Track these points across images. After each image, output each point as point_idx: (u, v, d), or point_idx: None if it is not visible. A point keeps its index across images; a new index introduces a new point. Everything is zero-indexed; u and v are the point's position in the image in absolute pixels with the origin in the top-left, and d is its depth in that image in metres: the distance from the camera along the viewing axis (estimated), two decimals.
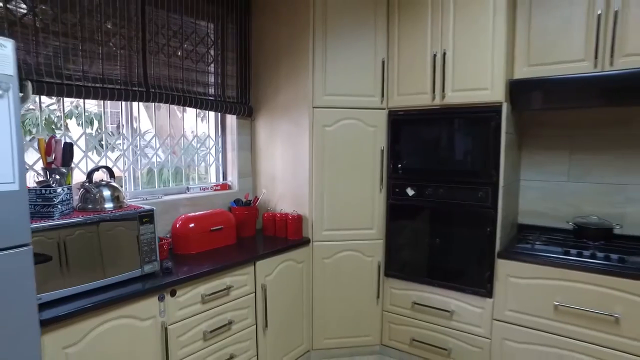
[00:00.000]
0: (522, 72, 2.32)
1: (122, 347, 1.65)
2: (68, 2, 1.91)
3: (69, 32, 1.93)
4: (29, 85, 1.61)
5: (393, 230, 2.67)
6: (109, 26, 2.11)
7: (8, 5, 1.72)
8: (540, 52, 2.26)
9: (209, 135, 2.87)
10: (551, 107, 2.47)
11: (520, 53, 2.32)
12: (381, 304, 2.76)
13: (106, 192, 1.79)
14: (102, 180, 1.83)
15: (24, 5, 1.77)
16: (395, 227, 2.66)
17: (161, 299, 1.79)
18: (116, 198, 1.82)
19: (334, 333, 2.74)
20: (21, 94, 1.37)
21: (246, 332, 2.23)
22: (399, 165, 2.61)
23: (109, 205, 1.79)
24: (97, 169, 1.85)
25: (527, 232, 2.62)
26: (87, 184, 1.78)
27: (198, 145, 2.80)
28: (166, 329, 1.81)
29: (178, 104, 2.44)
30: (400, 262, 2.66)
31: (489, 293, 2.33)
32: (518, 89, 2.29)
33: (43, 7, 1.83)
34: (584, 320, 2.05)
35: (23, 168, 1.16)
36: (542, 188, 2.67)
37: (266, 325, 2.34)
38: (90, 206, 1.75)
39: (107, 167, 1.88)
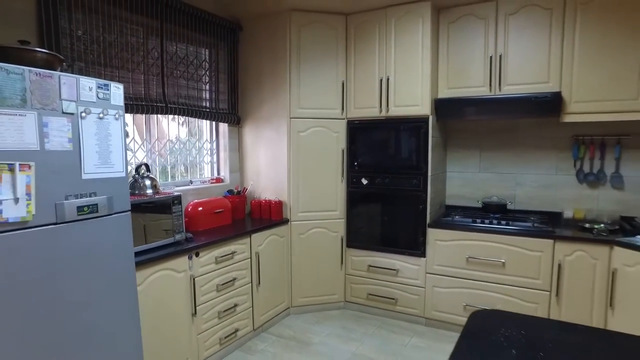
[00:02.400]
0: (444, 92, 3.21)
1: (167, 290, 2.35)
2: (108, 42, 2.56)
3: (114, 64, 2.59)
4: None
5: (352, 211, 3.49)
6: (136, 58, 2.77)
7: (74, 47, 2.36)
8: (455, 79, 3.17)
9: (206, 140, 3.56)
10: (463, 118, 3.37)
11: (442, 79, 3.22)
12: (344, 269, 3.57)
13: (148, 182, 2.48)
14: (143, 173, 2.51)
15: (82, 45, 2.42)
16: (354, 208, 3.49)
17: (190, 258, 2.49)
18: (154, 186, 2.51)
19: (308, 293, 3.52)
20: None
21: (245, 287, 2.97)
22: (355, 162, 3.43)
23: (150, 191, 2.47)
24: (140, 165, 2.52)
25: (451, 210, 3.53)
26: (136, 175, 2.45)
27: (198, 147, 3.49)
28: (194, 279, 2.52)
29: (185, 115, 3.12)
30: (358, 235, 3.49)
31: (422, 254, 3.20)
32: (440, 105, 3.18)
33: (95, 46, 2.49)
34: (484, 267, 2.96)
35: (126, 164, 1.85)
36: (462, 178, 3.59)
37: (259, 283, 3.09)
38: (137, 192, 2.43)
39: (145, 164, 2.55)
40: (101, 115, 1.72)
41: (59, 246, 1.58)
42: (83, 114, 1.65)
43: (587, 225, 2.87)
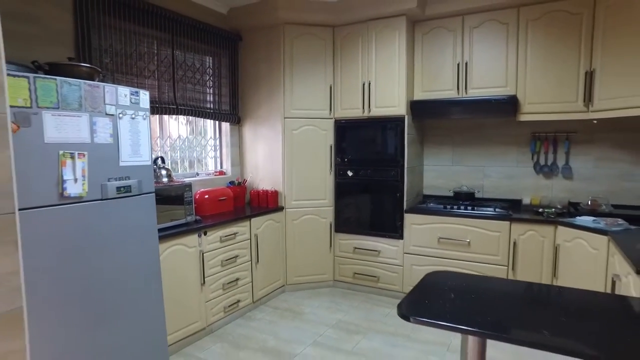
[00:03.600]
0: (419, 95, 3.68)
1: (181, 262, 2.81)
2: (128, 53, 3.02)
3: (134, 72, 3.05)
4: None
5: (339, 199, 3.96)
6: (150, 67, 3.23)
7: (102, 59, 2.81)
8: (428, 83, 3.64)
9: (210, 137, 4.02)
10: (435, 118, 3.84)
11: (417, 83, 3.69)
12: (333, 251, 4.04)
13: (164, 172, 2.94)
14: (160, 164, 2.97)
15: (108, 57, 2.87)
16: (341, 197, 3.95)
17: (199, 236, 2.95)
18: (169, 175, 2.97)
19: (301, 272, 3.98)
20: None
21: (245, 264, 3.43)
22: (342, 156, 3.90)
23: (165, 180, 2.93)
24: (157, 158, 2.98)
25: (427, 198, 4.00)
26: (154, 166, 2.91)
27: (203, 144, 3.94)
28: (203, 254, 2.98)
29: (192, 115, 3.58)
30: (345, 221, 3.95)
31: (400, 236, 3.67)
32: (415, 106, 3.64)
33: (118, 58, 2.94)
34: (453, 246, 3.43)
35: (151, 155, 2.31)
36: (437, 170, 4.06)
37: (258, 261, 3.55)
38: (155, 180, 2.88)
39: (162, 157, 3.01)
40: (133, 116, 2.18)
41: (103, 216, 2.04)
42: (120, 115, 2.11)
43: (540, 209, 3.33)
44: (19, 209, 1.46)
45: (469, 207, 3.50)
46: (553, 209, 3.26)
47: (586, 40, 3.07)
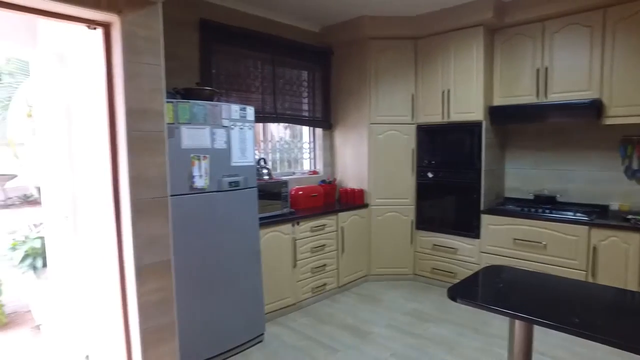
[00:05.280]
0: (498, 100, 3.82)
1: (276, 246, 3.39)
2: (237, 73, 3.70)
3: (243, 88, 3.73)
4: None
5: (420, 199, 4.26)
6: (256, 83, 3.89)
7: (219, 79, 3.52)
8: (507, 89, 3.76)
9: (305, 141, 4.60)
10: (515, 122, 3.92)
11: (496, 89, 3.83)
12: (413, 247, 4.34)
13: (265, 171, 3.57)
14: (262, 164, 3.60)
15: (223, 77, 3.57)
16: (421, 197, 4.24)
17: (293, 225, 3.52)
18: (269, 174, 3.59)
19: (383, 264, 4.36)
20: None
21: (332, 253, 3.93)
22: (423, 159, 4.19)
23: (266, 177, 3.55)
24: (260, 159, 3.62)
25: (507, 201, 4.10)
26: (257, 165, 3.55)
27: (299, 147, 4.54)
28: (295, 241, 3.54)
29: (290, 122, 4.19)
30: (425, 219, 4.24)
31: (477, 235, 3.85)
32: (494, 112, 3.79)
33: (229, 78, 3.63)
34: (528, 248, 3.53)
35: (254, 157, 2.91)
36: (518, 173, 4.12)
37: (343, 251, 4.02)
38: (257, 177, 3.51)
39: (263, 159, 3.65)
40: (241, 127, 2.80)
41: (219, 204, 2.69)
42: (232, 126, 2.73)
43: (629, 216, 3.27)
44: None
45: (547, 211, 3.55)
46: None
47: None
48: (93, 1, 1.69)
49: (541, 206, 3.70)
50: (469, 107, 3.81)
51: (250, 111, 2.87)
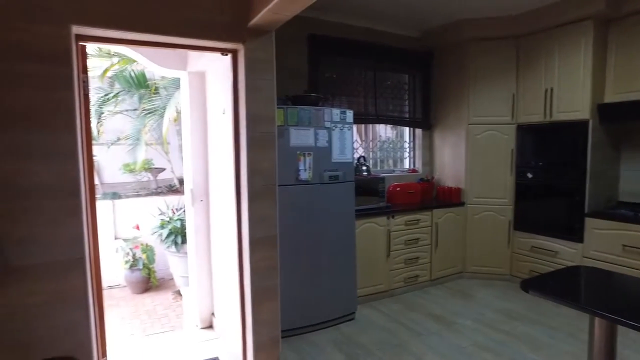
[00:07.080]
0: (610, 97, 3.61)
1: (371, 236, 3.73)
2: (342, 79, 4.11)
3: (346, 93, 4.14)
4: None
5: (519, 199, 4.22)
6: (358, 88, 4.26)
7: (326, 85, 3.97)
8: (624, 84, 3.50)
9: (405, 140, 4.86)
10: (633, 120, 3.65)
11: (608, 85, 3.63)
12: (511, 248, 4.31)
13: (364, 167, 3.94)
14: (362, 162, 3.97)
15: (329, 84, 4.02)
16: (520, 197, 4.20)
17: (388, 218, 3.83)
18: (368, 170, 3.95)
19: (479, 263, 4.41)
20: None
21: (425, 247, 4.14)
22: (523, 159, 4.15)
23: (365, 173, 3.92)
24: (360, 157, 4.00)
25: (621, 205, 3.83)
26: (357, 163, 3.94)
27: (399, 146, 4.82)
28: (389, 233, 3.85)
29: (391, 124, 4.48)
30: (524, 220, 4.19)
31: (580, 239, 3.72)
32: (606, 109, 3.59)
33: (335, 83, 4.06)
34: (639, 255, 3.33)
35: (353, 155, 3.30)
36: (638, 176, 3.82)
37: (437, 246, 4.20)
38: (357, 173, 3.88)
39: (363, 157, 4.02)
40: (341, 128, 3.20)
41: (321, 195, 3.14)
42: (333, 128, 3.16)
43: None
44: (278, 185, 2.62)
45: None
46: None
47: None
48: (227, 36, 2.24)
49: None
50: (573, 106, 3.69)
51: (349, 114, 3.27)
